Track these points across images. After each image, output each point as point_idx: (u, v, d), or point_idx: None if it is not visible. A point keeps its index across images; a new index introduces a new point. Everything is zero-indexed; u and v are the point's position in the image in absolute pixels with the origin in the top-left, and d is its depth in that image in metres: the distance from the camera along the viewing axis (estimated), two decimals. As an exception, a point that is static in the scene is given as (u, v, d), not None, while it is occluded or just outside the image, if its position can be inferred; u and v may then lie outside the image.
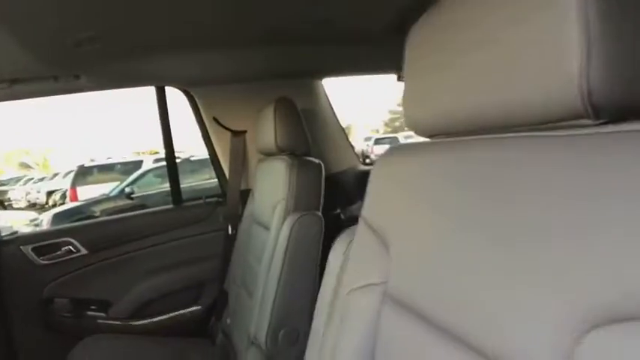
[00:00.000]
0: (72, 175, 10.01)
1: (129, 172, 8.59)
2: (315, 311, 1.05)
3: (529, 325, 0.45)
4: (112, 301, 2.02)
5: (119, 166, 9.88)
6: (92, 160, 10.37)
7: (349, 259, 0.89)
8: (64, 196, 11.17)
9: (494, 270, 0.51)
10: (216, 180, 2.23)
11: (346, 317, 0.82)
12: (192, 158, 6.90)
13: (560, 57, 0.43)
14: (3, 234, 1.98)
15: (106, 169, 9.81)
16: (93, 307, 1.99)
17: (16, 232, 2.04)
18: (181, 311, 2.07)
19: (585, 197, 0.42)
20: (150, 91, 2.05)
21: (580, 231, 0.42)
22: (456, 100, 0.59)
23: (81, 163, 10.05)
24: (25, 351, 1.95)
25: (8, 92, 1.72)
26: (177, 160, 2.39)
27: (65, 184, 11.39)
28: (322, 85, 2.21)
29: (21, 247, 1.94)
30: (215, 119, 2.05)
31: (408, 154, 0.75)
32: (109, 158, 10.29)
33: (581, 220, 0.42)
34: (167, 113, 2.07)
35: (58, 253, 1.96)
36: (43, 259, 1.95)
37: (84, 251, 1.98)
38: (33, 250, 1.94)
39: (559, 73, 0.44)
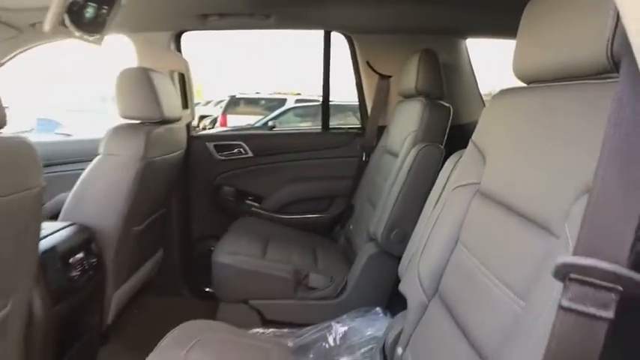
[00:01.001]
0: (222, 104, 11.05)
1: (272, 109, 9.34)
2: (422, 212, 1.41)
3: (556, 198, 0.77)
4: (263, 196, 2.58)
5: (263, 101, 10.69)
6: (242, 93, 11.24)
7: (457, 168, 1.23)
8: (213, 122, 12.29)
9: (546, 172, 0.82)
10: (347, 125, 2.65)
11: (447, 206, 1.18)
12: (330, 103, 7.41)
13: (599, 31, 0.72)
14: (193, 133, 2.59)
15: (253, 102, 10.68)
16: (250, 198, 2.57)
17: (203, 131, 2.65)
18: (313, 215, 2.57)
19: (592, 119, 0.72)
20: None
21: (585, 142, 0.72)
22: (545, 56, 0.89)
23: (232, 94, 10.97)
24: (198, 222, 2.60)
25: (216, 23, 2.25)
26: (317, 103, 2.84)
27: (215, 111, 12.59)
28: (465, 44, 2.46)
29: (206, 143, 2.54)
30: (368, 63, 2.43)
31: (510, 96, 1.06)
32: (258, 93, 11.13)
33: (587, 136, 0.72)
34: (329, 55, 2.50)
35: (231, 152, 2.54)
36: (220, 155, 2.54)
37: (250, 154, 2.54)
38: (214, 146, 2.53)
39: (599, 41, 0.73)
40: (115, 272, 1.81)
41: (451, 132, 1.91)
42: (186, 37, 2.51)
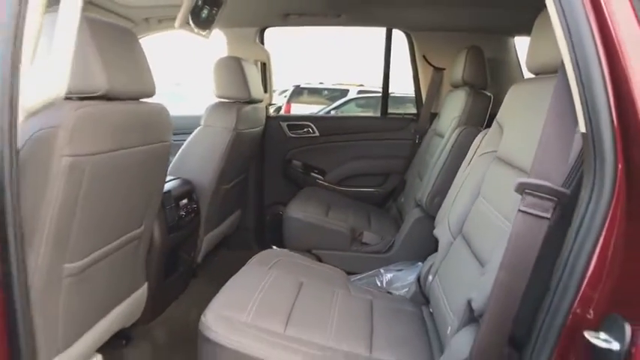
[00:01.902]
0: (286, 93, 11.53)
1: (334, 99, 9.69)
2: (455, 178, 1.74)
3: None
4: (327, 170, 2.98)
5: (326, 92, 11.05)
6: (306, 83, 11.62)
7: (483, 141, 1.56)
8: (278, 110, 12.70)
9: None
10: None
11: (473, 170, 1.52)
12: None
13: None
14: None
15: (316, 92, 11.07)
16: (315, 171, 2.98)
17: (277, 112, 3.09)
18: (369, 189, 2.95)
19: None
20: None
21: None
22: (549, 53, 1.21)
23: (297, 84, 11.41)
24: (270, 190, 3.04)
25: (295, 20, 2.66)
26: (378, 95, 3.20)
27: (278, 100, 13.07)
28: (512, 42, 2.74)
29: (280, 122, 2.96)
30: (424, 57, 2.77)
31: (523, 84, 1.39)
32: (321, 83, 11.50)
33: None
34: (390, 49, 2.85)
35: (301, 131, 2.96)
36: (291, 133, 2.96)
37: (317, 133, 2.95)
38: (287, 126, 2.96)
39: None
40: (207, 219, 2.27)
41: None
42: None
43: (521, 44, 2.79)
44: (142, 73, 1.40)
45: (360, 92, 9.89)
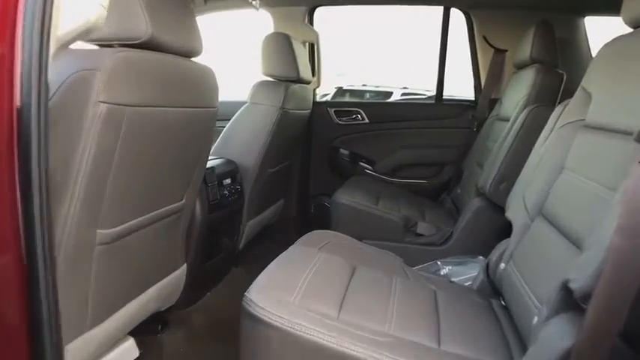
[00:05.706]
0: (327, 97, 11.43)
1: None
2: (529, 157, 1.54)
3: None
4: (376, 160, 2.81)
5: (368, 94, 10.88)
6: (349, 85, 11.48)
7: (564, 112, 1.36)
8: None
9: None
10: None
11: (555, 141, 1.33)
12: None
13: None
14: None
15: (358, 94, 10.93)
16: (363, 160, 2.82)
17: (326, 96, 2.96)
18: (422, 180, 2.76)
19: None
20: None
21: None
22: None
23: (339, 86, 11.29)
24: (315, 180, 2.90)
25: None
26: (423, 97, 3.02)
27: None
28: (583, 22, 2.50)
29: (327, 108, 2.82)
30: (484, 38, 2.57)
31: (618, 41, 1.18)
32: (364, 85, 11.33)
33: None
34: (447, 30, 2.66)
35: (350, 117, 2.80)
36: (339, 120, 2.82)
37: (366, 120, 2.79)
38: (334, 112, 2.81)
39: None
40: (249, 204, 2.14)
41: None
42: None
43: (592, 25, 2.55)
44: (189, 28, 1.29)
45: (403, 94, 9.66)
